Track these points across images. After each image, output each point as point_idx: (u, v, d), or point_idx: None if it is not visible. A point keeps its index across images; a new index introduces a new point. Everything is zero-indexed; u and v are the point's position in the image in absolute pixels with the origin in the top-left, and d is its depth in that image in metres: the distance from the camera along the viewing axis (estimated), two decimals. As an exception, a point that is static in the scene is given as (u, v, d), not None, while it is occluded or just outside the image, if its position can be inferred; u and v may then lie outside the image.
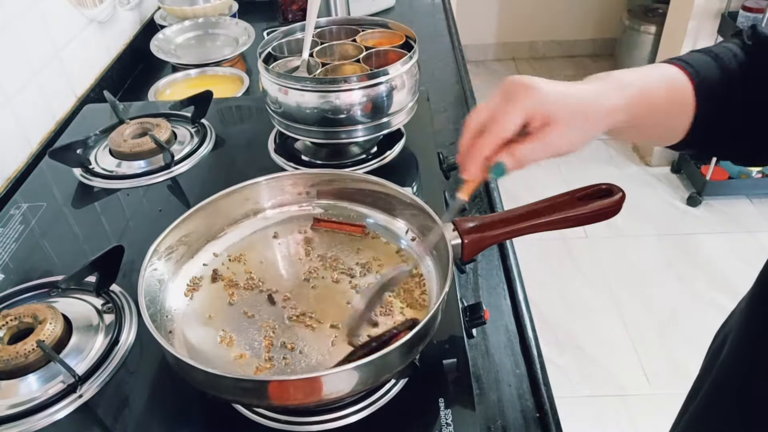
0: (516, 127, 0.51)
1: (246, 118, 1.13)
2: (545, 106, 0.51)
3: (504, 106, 0.51)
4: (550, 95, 0.51)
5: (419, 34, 0.96)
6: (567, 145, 0.52)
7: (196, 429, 0.61)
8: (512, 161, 0.51)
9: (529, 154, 0.51)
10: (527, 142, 0.51)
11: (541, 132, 0.51)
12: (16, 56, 1.03)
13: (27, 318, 0.68)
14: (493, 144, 0.51)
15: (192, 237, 0.74)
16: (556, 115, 0.50)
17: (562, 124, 0.51)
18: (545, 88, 0.51)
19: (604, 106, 0.53)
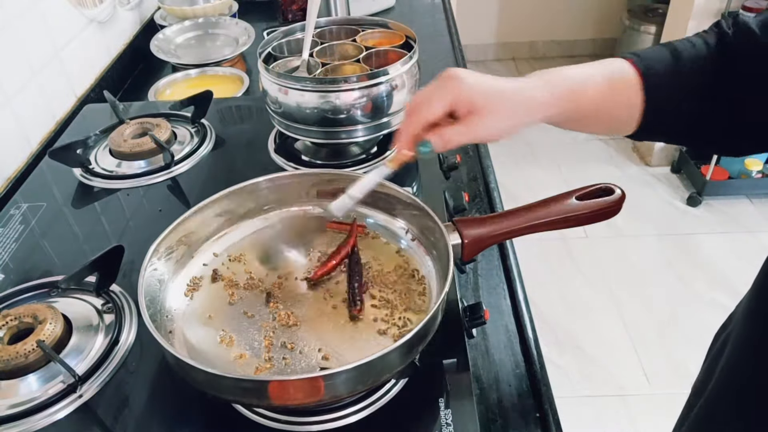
0: (438, 112, 0.57)
1: (246, 118, 1.13)
2: (469, 97, 0.56)
3: (431, 93, 0.58)
4: (474, 87, 0.56)
5: (419, 34, 0.96)
6: (487, 132, 0.57)
7: (196, 429, 0.61)
8: (438, 141, 0.57)
9: (453, 136, 0.57)
10: (452, 126, 0.57)
11: (465, 119, 0.57)
12: (16, 56, 1.03)
13: (27, 318, 0.68)
14: (418, 124, 0.58)
15: (192, 237, 0.74)
16: (478, 105, 0.56)
17: (485, 114, 0.56)
18: (471, 81, 0.57)
19: (531, 100, 0.58)
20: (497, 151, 2.79)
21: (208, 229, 0.76)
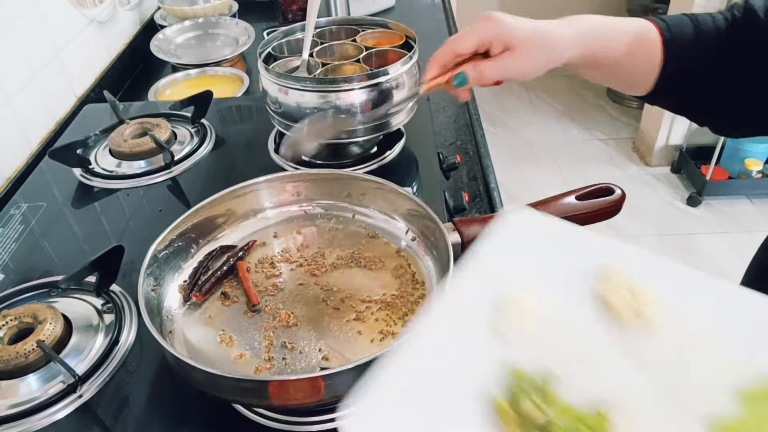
0: (472, 44, 0.60)
1: (246, 118, 1.13)
2: (506, 35, 0.60)
3: (467, 30, 0.61)
4: (510, 26, 0.60)
5: (419, 34, 0.96)
6: (519, 70, 0.60)
7: (196, 429, 0.61)
8: (473, 73, 0.61)
9: (487, 69, 0.60)
10: (487, 61, 0.61)
11: (502, 54, 0.60)
12: (16, 56, 1.03)
13: (27, 318, 0.68)
14: (450, 53, 0.61)
15: (192, 237, 0.74)
16: (513, 43, 0.60)
17: (518, 52, 0.60)
18: (508, 21, 0.60)
19: (557, 42, 0.61)
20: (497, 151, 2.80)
21: (208, 229, 0.76)
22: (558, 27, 0.62)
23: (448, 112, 1.15)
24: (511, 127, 3.01)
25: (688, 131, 2.58)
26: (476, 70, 0.60)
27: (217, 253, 0.74)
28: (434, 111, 1.10)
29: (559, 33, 0.61)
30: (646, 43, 0.62)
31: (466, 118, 1.12)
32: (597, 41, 0.62)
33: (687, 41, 0.62)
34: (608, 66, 0.64)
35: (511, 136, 2.95)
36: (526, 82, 3.41)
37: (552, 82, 3.30)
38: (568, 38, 0.61)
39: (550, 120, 3.02)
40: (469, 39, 0.60)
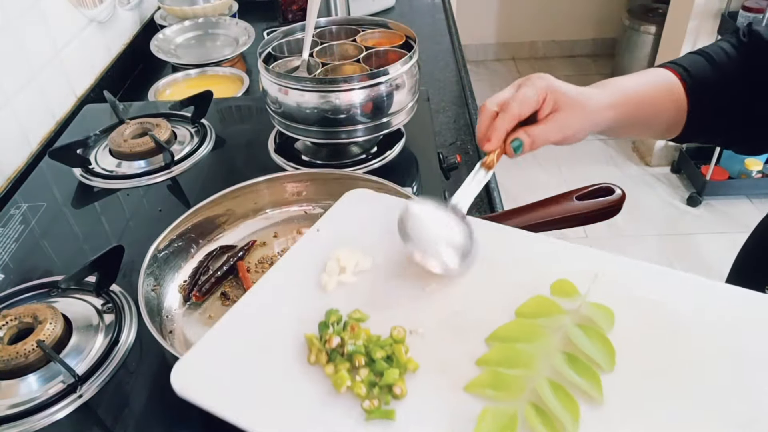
0: (531, 108, 0.58)
1: (246, 118, 1.13)
2: (556, 94, 0.59)
3: (521, 89, 0.59)
4: (560, 86, 0.60)
5: (419, 34, 0.96)
6: (572, 131, 0.60)
7: (196, 429, 0.61)
8: (528, 139, 0.58)
9: (542, 134, 0.58)
10: (540, 124, 0.59)
11: (551, 116, 0.59)
12: (16, 56, 1.03)
13: (27, 318, 0.68)
14: (512, 120, 0.58)
15: (192, 237, 0.74)
16: (564, 102, 0.59)
17: (569, 111, 0.59)
18: (556, 81, 0.60)
19: (601, 103, 0.62)
20: (497, 151, 2.79)
21: (208, 229, 0.76)
22: (597, 93, 0.62)
23: (448, 112, 1.15)
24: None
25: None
26: (530, 134, 0.58)
27: (217, 253, 0.74)
28: (434, 111, 1.10)
29: (599, 98, 0.62)
30: (670, 94, 0.65)
31: (466, 118, 1.12)
32: (631, 105, 0.63)
33: (707, 80, 0.64)
34: (640, 124, 0.66)
35: (511, 136, 2.95)
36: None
37: (552, 82, 3.30)
38: (610, 103, 0.62)
39: (550, 120, 3.02)
40: (531, 100, 0.58)
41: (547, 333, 0.45)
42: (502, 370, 0.42)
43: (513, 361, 0.43)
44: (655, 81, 0.66)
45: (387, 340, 0.46)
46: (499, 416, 0.39)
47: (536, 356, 0.43)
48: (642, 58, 2.97)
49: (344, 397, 0.43)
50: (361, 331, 0.46)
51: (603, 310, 0.46)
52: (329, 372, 0.44)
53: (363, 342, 0.45)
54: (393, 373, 0.43)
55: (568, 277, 0.49)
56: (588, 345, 0.43)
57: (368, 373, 0.43)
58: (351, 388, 0.43)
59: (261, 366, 0.46)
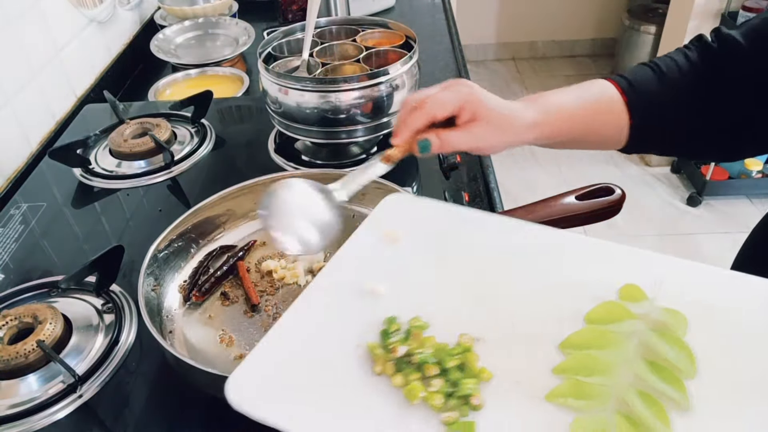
0: (447, 111, 0.57)
1: (246, 118, 1.13)
2: (476, 104, 0.57)
3: (443, 92, 0.57)
4: (482, 97, 0.58)
5: (419, 34, 0.96)
6: (487, 144, 0.58)
7: (196, 429, 0.61)
8: (438, 142, 0.57)
9: (453, 140, 0.57)
10: (454, 130, 0.57)
11: (468, 125, 0.57)
12: (16, 56, 1.03)
13: (27, 318, 0.68)
14: (424, 119, 0.57)
15: (192, 237, 0.74)
16: (483, 114, 0.57)
17: (486, 124, 0.57)
18: (480, 91, 0.58)
19: (525, 120, 0.59)
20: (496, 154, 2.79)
21: (208, 229, 0.76)
22: (524, 108, 0.60)
23: (448, 112, 1.15)
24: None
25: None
26: (440, 138, 0.57)
27: (217, 253, 0.74)
28: (434, 111, 1.10)
29: (526, 114, 0.60)
30: (608, 108, 0.63)
31: (466, 118, 1.12)
32: (562, 122, 0.62)
33: (651, 94, 0.63)
34: (575, 138, 0.64)
35: (511, 136, 2.95)
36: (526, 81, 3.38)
37: (552, 82, 3.30)
38: (539, 120, 0.60)
39: (550, 120, 3.02)
40: (449, 104, 0.56)
41: (621, 339, 0.44)
42: (583, 379, 0.41)
43: (592, 369, 0.42)
44: (593, 96, 0.64)
45: (456, 348, 0.44)
46: (590, 427, 0.38)
47: (615, 363, 0.42)
48: (642, 58, 2.97)
49: (417, 408, 0.41)
50: (426, 340, 0.44)
51: (675, 315, 0.45)
52: (398, 383, 0.42)
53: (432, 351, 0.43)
54: (469, 383, 0.41)
55: (631, 281, 0.48)
56: (668, 350, 0.42)
57: (442, 383, 0.41)
58: (425, 399, 0.41)
59: (320, 376, 0.44)
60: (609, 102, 0.63)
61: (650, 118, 0.63)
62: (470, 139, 0.57)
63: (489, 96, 0.58)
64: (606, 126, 0.64)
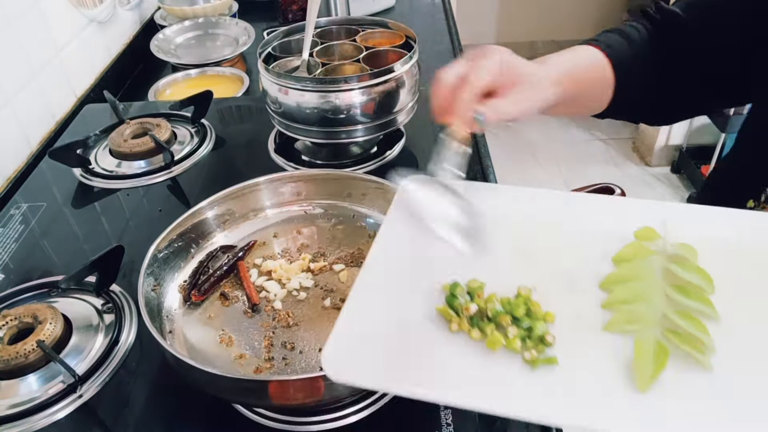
0: (489, 80, 0.55)
1: (246, 118, 1.13)
2: (513, 68, 0.57)
3: (480, 60, 0.56)
4: (516, 60, 0.58)
5: (419, 34, 0.96)
6: (532, 104, 0.58)
7: (196, 429, 0.61)
8: (491, 112, 0.55)
9: (504, 108, 0.56)
10: (501, 98, 0.56)
11: (509, 90, 0.56)
12: (16, 56, 1.03)
13: (27, 318, 0.68)
14: (475, 91, 0.55)
15: (192, 237, 0.74)
16: (524, 75, 0.57)
17: (529, 85, 0.57)
18: (511, 54, 0.58)
19: (551, 78, 0.61)
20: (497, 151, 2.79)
21: (208, 229, 0.76)
22: (543, 69, 0.62)
23: (448, 112, 1.15)
24: (511, 127, 3.01)
25: (688, 131, 2.58)
26: (493, 108, 0.55)
27: (217, 253, 0.74)
28: (434, 111, 1.10)
29: (547, 74, 0.61)
30: (600, 69, 0.67)
31: (466, 118, 1.12)
32: (571, 82, 0.64)
33: (627, 57, 0.67)
34: (577, 100, 0.67)
35: (512, 136, 2.95)
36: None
37: (552, 82, 3.30)
38: (553, 81, 0.61)
39: (550, 120, 3.01)
40: (489, 72, 0.55)
41: (648, 271, 0.51)
42: (629, 308, 0.48)
43: (633, 299, 0.49)
44: (588, 58, 0.67)
45: (518, 299, 0.49)
46: (649, 344, 0.45)
47: (650, 292, 0.49)
48: (642, 58, 2.96)
49: (499, 354, 0.46)
50: (490, 297, 0.49)
51: (686, 248, 0.52)
52: (476, 336, 0.47)
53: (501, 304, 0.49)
54: (541, 325, 0.47)
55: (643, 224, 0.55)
56: (687, 275, 0.50)
57: (517, 330, 0.47)
58: (506, 346, 0.46)
59: (402, 341, 0.48)
60: (600, 64, 0.67)
61: (628, 79, 0.67)
62: (520, 104, 0.57)
63: (518, 58, 0.59)
64: (599, 86, 0.68)
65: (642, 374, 0.43)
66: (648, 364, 0.44)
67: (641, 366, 0.44)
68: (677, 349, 0.45)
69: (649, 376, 0.43)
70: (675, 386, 0.43)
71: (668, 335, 0.46)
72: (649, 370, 0.43)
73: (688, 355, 0.44)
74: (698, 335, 0.45)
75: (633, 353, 0.45)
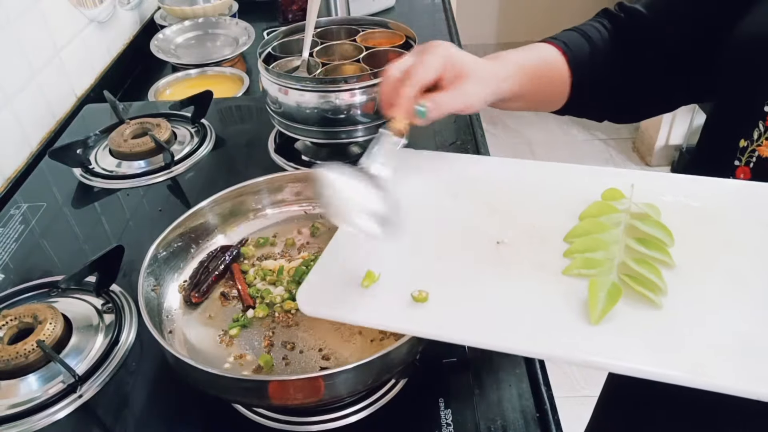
0: (434, 74, 0.57)
1: (246, 118, 1.13)
2: (459, 62, 0.59)
3: (424, 56, 0.58)
4: (461, 54, 0.59)
5: (419, 34, 0.96)
6: (477, 98, 0.60)
7: (196, 429, 0.61)
8: (433, 105, 0.57)
9: (446, 101, 0.58)
10: (444, 92, 0.58)
11: (453, 84, 0.58)
12: (16, 56, 1.03)
13: (27, 318, 0.68)
14: (417, 86, 0.57)
15: (192, 237, 0.74)
16: (468, 70, 0.59)
17: (474, 79, 0.59)
18: (456, 49, 0.60)
19: (500, 73, 0.63)
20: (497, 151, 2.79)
21: (208, 229, 0.76)
22: (491, 64, 0.63)
23: (448, 112, 1.15)
24: (511, 127, 3.01)
25: (688, 131, 2.58)
26: (434, 102, 0.57)
27: (217, 254, 0.74)
28: (434, 111, 1.10)
29: (494, 70, 0.62)
30: (555, 66, 0.69)
31: (466, 118, 1.12)
32: (525, 77, 0.65)
33: (584, 55, 0.69)
34: (532, 97, 0.68)
35: (511, 136, 2.95)
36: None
37: (552, 82, 3.30)
38: (505, 73, 0.63)
39: (550, 120, 3.02)
40: (434, 67, 0.57)
41: (611, 226, 0.56)
42: (588, 255, 0.53)
43: (593, 248, 0.53)
44: (544, 55, 0.68)
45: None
46: (603, 285, 0.49)
47: (611, 242, 0.54)
48: (642, 58, 2.96)
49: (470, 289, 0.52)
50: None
51: (650, 206, 0.57)
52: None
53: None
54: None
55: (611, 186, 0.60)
56: (649, 229, 0.54)
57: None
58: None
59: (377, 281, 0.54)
60: (555, 61, 0.68)
61: (585, 77, 0.69)
62: (461, 98, 0.59)
63: (463, 53, 0.60)
64: (554, 83, 0.69)
65: (595, 309, 0.48)
66: (600, 300, 0.48)
67: (594, 302, 0.48)
68: (632, 291, 0.49)
69: (601, 310, 0.47)
70: (625, 320, 0.47)
71: (623, 278, 0.50)
72: (601, 305, 0.48)
73: (641, 296, 0.48)
74: (652, 278, 0.49)
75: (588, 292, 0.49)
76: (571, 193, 0.61)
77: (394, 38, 0.99)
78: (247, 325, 0.65)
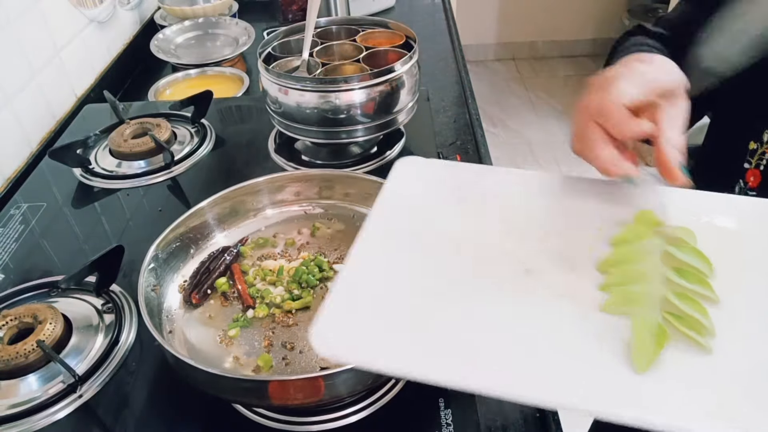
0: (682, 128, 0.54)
1: (246, 118, 1.13)
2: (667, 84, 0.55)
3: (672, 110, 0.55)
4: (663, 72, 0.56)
5: (419, 34, 0.96)
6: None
7: (196, 429, 0.61)
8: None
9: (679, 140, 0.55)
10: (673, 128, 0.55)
11: (670, 100, 0.55)
12: (16, 56, 1.03)
13: (27, 318, 0.68)
14: (677, 144, 0.54)
15: (192, 237, 0.74)
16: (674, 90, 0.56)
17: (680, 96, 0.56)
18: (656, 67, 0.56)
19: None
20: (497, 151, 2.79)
21: (208, 229, 0.76)
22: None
23: (449, 112, 1.15)
24: (511, 127, 3.01)
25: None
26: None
27: (218, 254, 0.74)
28: (434, 111, 1.10)
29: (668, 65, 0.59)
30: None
31: (466, 118, 1.12)
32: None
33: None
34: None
35: (511, 136, 2.95)
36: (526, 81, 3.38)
37: (552, 82, 3.30)
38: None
39: (550, 120, 3.02)
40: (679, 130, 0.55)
41: (647, 254, 0.51)
42: (628, 289, 0.48)
43: (631, 281, 0.49)
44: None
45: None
46: (648, 326, 0.44)
47: (648, 273, 0.49)
48: (642, 58, 2.96)
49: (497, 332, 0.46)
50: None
51: (685, 231, 0.52)
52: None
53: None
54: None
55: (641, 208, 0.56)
56: (686, 257, 0.50)
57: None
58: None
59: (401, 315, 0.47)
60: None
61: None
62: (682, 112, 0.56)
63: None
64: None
65: (641, 355, 0.42)
66: (647, 345, 0.43)
67: (640, 347, 0.43)
68: (676, 332, 0.44)
69: (648, 357, 0.42)
70: (674, 368, 0.42)
71: (667, 317, 0.45)
72: (648, 351, 0.42)
73: (687, 338, 0.43)
74: (698, 317, 0.44)
75: (632, 335, 0.44)
76: (597, 213, 0.56)
77: (394, 38, 0.99)
78: (247, 325, 0.65)
